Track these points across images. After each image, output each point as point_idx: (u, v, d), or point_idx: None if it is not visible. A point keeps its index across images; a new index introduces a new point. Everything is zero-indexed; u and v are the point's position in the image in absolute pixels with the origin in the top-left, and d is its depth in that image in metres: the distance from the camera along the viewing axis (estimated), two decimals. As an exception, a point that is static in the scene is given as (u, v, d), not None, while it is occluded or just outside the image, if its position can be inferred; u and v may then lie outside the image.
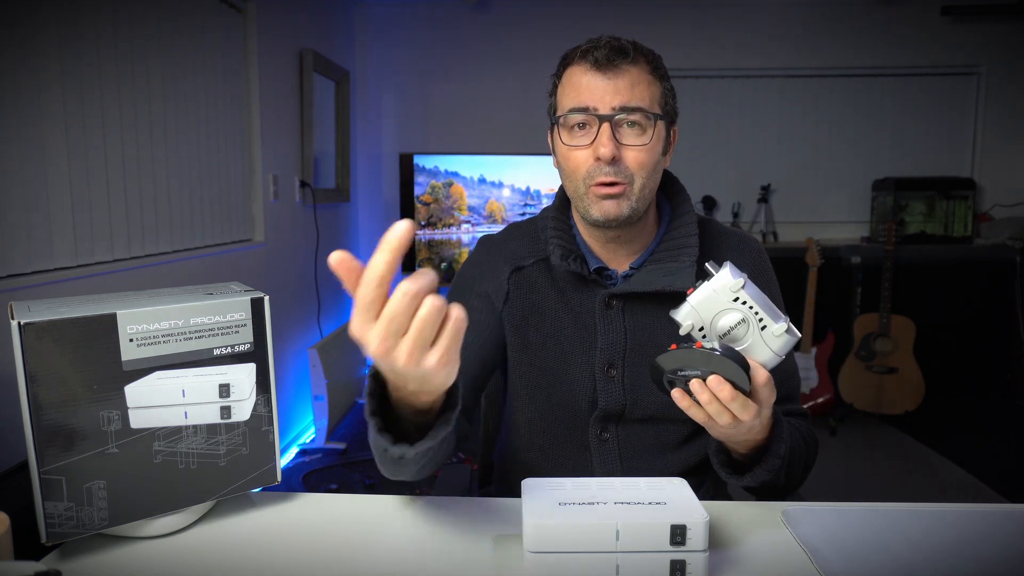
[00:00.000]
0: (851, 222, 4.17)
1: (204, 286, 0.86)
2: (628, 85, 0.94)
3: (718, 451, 0.91)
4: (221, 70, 2.57)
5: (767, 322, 0.76)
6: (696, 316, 0.77)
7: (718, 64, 4.08)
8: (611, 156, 0.93)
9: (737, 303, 0.76)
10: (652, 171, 0.97)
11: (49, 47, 1.67)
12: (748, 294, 0.76)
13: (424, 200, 3.99)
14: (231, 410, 0.81)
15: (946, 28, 3.98)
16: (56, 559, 0.75)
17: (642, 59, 0.96)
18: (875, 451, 3.21)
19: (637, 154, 0.95)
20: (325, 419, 3.18)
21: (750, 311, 0.76)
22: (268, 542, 0.79)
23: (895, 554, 0.74)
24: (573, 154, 0.97)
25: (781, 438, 0.86)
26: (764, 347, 0.76)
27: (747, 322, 0.76)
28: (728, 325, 0.76)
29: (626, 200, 0.96)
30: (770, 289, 1.07)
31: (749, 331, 0.76)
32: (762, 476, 0.87)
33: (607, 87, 0.94)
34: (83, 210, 1.80)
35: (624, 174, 0.95)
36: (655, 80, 0.97)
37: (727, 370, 0.74)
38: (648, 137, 0.95)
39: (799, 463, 0.98)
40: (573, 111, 0.96)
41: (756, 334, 0.76)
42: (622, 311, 1.02)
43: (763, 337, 0.76)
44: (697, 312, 0.77)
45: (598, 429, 1.04)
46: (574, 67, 0.97)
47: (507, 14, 4.11)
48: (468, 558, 0.75)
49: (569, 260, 1.02)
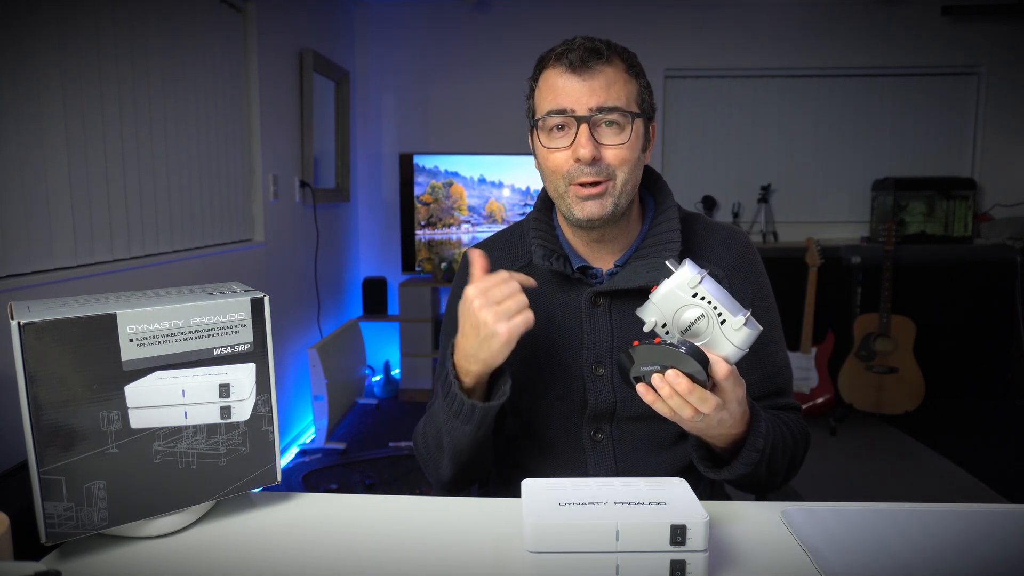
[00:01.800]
0: (851, 222, 4.17)
1: (204, 286, 0.86)
2: (604, 85, 0.94)
3: (698, 445, 0.92)
4: (221, 70, 2.57)
5: (726, 316, 0.77)
6: (658, 312, 0.79)
7: (718, 64, 4.08)
8: (591, 157, 0.94)
9: (696, 299, 0.77)
10: (633, 168, 0.98)
11: (49, 47, 1.67)
12: (707, 289, 0.77)
13: (424, 200, 3.99)
14: (231, 410, 0.81)
15: (946, 28, 3.98)
16: (56, 559, 0.75)
17: (616, 58, 0.96)
18: (875, 451, 3.21)
19: (617, 151, 0.95)
20: (325, 419, 3.18)
21: (709, 306, 0.77)
22: (268, 542, 0.79)
23: (895, 554, 0.74)
24: (553, 156, 0.98)
25: (759, 432, 0.88)
26: (725, 341, 0.78)
27: (707, 317, 0.77)
28: (688, 320, 0.78)
29: (609, 197, 0.96)
30: (758, 283, 1.06)
31: (710, 326, 0.78)
32: (739, 470, 0.88)
33: (583, 88, 0.94)
34: (83, 210, 1.80)
35: (606, 172, 0.96)
36: (631, 78, 0.97)
37: (683, 364, 0.76)
38: (627, 135, 0.95)
39: (783, 457, 0.98)
40: (551, 113, 0.96)
41: (716, 329, 0.78)
42: (608, 309, 1.02)
43: (723, 331, 0.78)
44: (659, 308, 0.79)
45: (592, 430, 1.04)
46: (549, 70, 0.98)
47: (507, 14, 4.12)
48: (468, 558, 0.75)
49: (552, 260, 1.02)
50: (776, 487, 1.02)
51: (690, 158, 4.18)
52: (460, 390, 0.91)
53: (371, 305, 4.12)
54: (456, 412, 0.92)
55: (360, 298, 4.21)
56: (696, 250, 1.04)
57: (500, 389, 0.93)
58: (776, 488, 1.03)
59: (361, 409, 3.80)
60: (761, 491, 1.03)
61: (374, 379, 4.14)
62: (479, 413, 0.91)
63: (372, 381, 4.11)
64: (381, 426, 3.55)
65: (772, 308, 1.09)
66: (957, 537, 0.78)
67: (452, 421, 0.93)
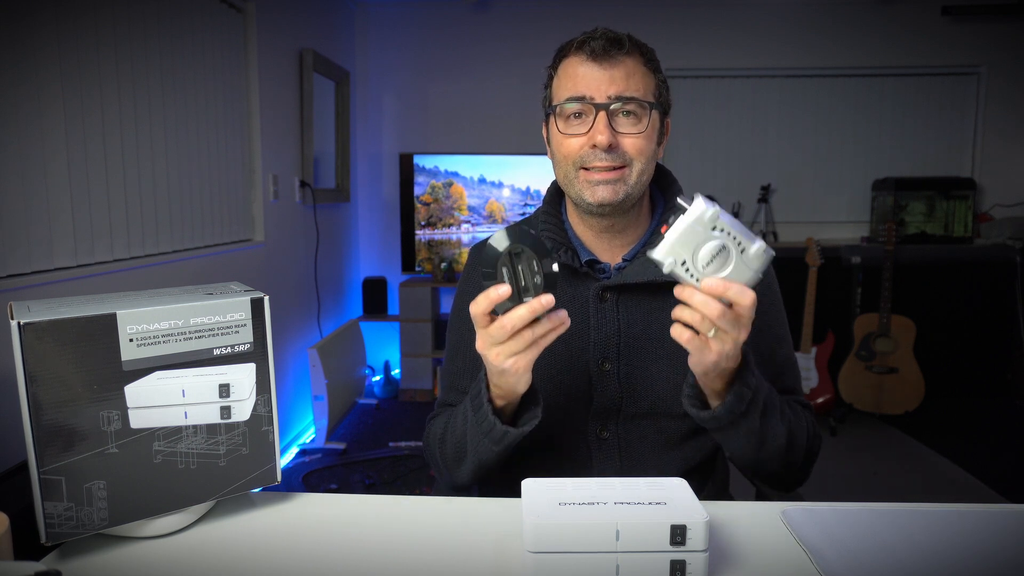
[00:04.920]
0: (851, 222, 4.17)
1: (204, 286, 0.86)
2: (624, 75, 0.95)
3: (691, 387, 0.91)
4: (221, 70, 2.57)
5: (745, 244, 0.77)
6: (676, 251, 0.78)
7: (718, 64, 4.08)
8: (608, 143, 0.94)
9: (715, 231, 0.77)
10: (649, 158, 0.98)
11: (49, 47, 1.67)
12: (725, 221, 0.77)
13: (424, 200, 3.99)
14: (231, 410, 0.81)
15: (946, 28, 3.98)
16: (56, 559, 0.75)
17: (636, 51, 0.98)
18: (875, 451, 3.21)
19: (635, 140, 0.96)
20: (325, 419, 3.18)
21: (728, 237, 0.77)
22: (268, 542, 0.79)
23: (895, 554, 0.74)
24: (568, 141, 0.98)
25: (750, 370, 0.87)
26: (745, 268, 0.78)
27: (727, 248, 0.77)
28: (711, 253, 0.77)
29: (623, 184, 0.97)
30: (765, 281, 1.05)
31: (731, 256, 0.77)
32: (734, 406, 0.87)
33: (603, 76, 0.95)
34: (83, 210, 1.80)
35: (622, 159, 0.96)
36: (649, 72, 0.98)
37: None
38: (644, 125, 0.96)
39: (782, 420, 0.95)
40: (570, 100, 0.97)
41: (737, 257, 0.77)
42: (616, 304, 1.02)
43: (743, 259, 0.78)
44: (676, 247, 0.78)
45: (597, 427, 1.04)
46: (570, 58, 0.99)
47: (507, 14, 4.11)
48: (468, 558, 0.75)
49: (560, 252, 1.03)
50: (796, 475, 1.01)
51: (690, 158, 4.18)
52: (492, 413, 0.90)
53: (371, 305, 4.12)
54: (486, 432, 0.92)
55: (360, 298, 4.21)
56: None
57: (532, 411, 0.92)
58: (798, 478, 1.02)
59: (361, 409, 3.80)
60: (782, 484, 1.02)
61: (374, 379, 4.14)
62: (510, 437, 0.91)
63: (372, 381, 4.11)
64: (381, 426, 3.55)
65: (779, 307, 1.09)
66: (957, 537, 0.78)
67: (481, 440, 0.93)
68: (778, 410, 0.94)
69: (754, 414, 0.89)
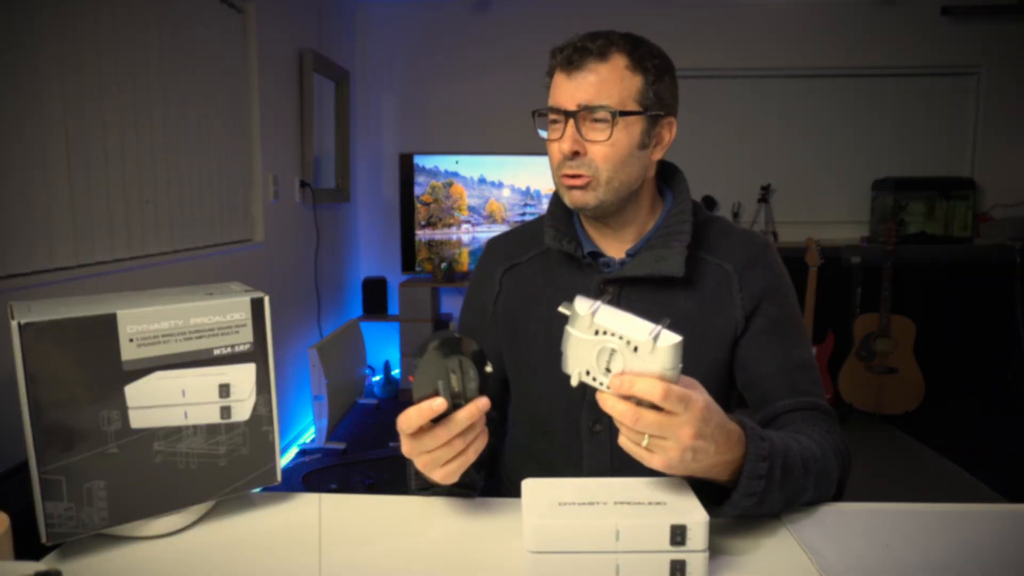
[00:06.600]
0: (851, 222, 4.17)
1: (204, 286, 0.86)
2: (594, 82, 0.96)
3: None
4: (221, 70, 2.57)
5: (633, 341, 0.67)
6: (576, 363, 0.71)
7: (718, 64, 4.08)
8: (570, 151, 0.96)
9: (599, 335, 0.69)
10: (620, 165, 0.98)
11: (49, 47, 1.67)
12: (603, 321, 0.69)
13: (424, 200, 3.99)
14: (231, 410, 0.81)
15: (946, 28, 3.98)
16: (56, 559, 0.75)
17: (618, 54, 0.96)
18: (875, 451, 3.21)
19: (601, 148, 0.97)
20: (325, 419, 3.18)
21: (615, 339, 0.68)
22: (268, 542, 0.79)
23: (895, 554, 0.74)
24: (550, 147, 1.02)
25: (759, 454, 0.76)
26: (651, 366, 0.67)
27: (616, 350, 0.68)
28: (605, 361, 0.69)
29: (591, 192, 0.98)
30: (770, 279, 1.04)
31: (623, 358, 0.68)
32: (743, 503, 0.76)
33: (570, 86, 0.97)
34: (83, 210, 1.80)
35: (589, 167, 0.97)
36: (634, 74, 0.97)
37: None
38: (609, 133, 0.96)
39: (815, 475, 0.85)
40: (547, 109, 1.01)
41: (633, 357, 0.67)
42: (617, 298, 1.03)
43: (641, 357, 0.67)
44: (572, 361, 0.71)
45: (590, 420, 1.04)
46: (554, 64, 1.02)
47: (507, 14, 4.11)
48: (468, 558, 0.75)
49: (563, 241, 1.04)
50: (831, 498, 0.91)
51: (690, 158, 4.15)
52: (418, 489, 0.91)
53: (371, 305, 4.12)
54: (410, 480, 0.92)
55: (360, 298, 4.20)
56: (706, 245, 1.04)
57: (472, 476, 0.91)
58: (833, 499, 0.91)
59: (361, 409, 3.80)
60: None
61: (374, 379, 4.14)
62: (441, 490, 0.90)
63: (372, 381, 4.11)
64: (381, 426, 3.54)
65: (788, 303, 1.05)
66: (957, 537, 0.78)
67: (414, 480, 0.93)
68: (799, 467, 0.82)
69: (772, 492, 0.79)
